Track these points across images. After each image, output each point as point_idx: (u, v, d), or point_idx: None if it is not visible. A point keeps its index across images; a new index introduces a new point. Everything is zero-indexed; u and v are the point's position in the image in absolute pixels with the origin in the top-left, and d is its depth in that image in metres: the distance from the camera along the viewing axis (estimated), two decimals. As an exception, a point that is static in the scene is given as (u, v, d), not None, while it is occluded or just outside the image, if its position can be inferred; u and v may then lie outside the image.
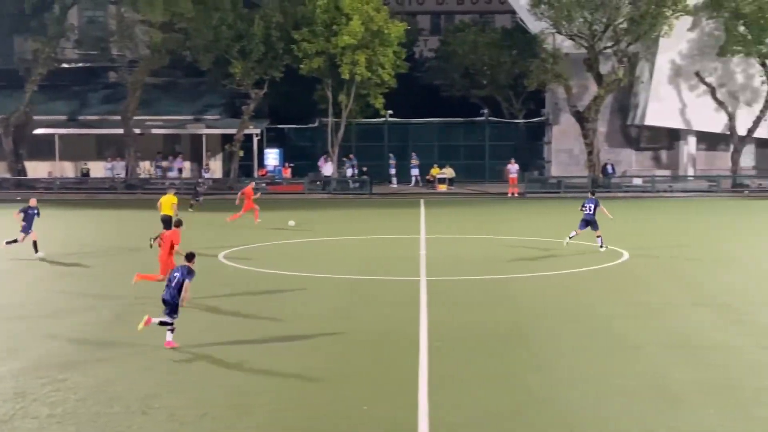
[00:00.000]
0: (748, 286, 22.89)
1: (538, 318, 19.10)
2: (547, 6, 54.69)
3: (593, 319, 19.06)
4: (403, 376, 14.80)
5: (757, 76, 55.80)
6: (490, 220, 40.11)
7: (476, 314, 19.45)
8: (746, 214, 42.63)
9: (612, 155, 59.63)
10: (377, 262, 27.09)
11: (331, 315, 19.22)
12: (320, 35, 55.23)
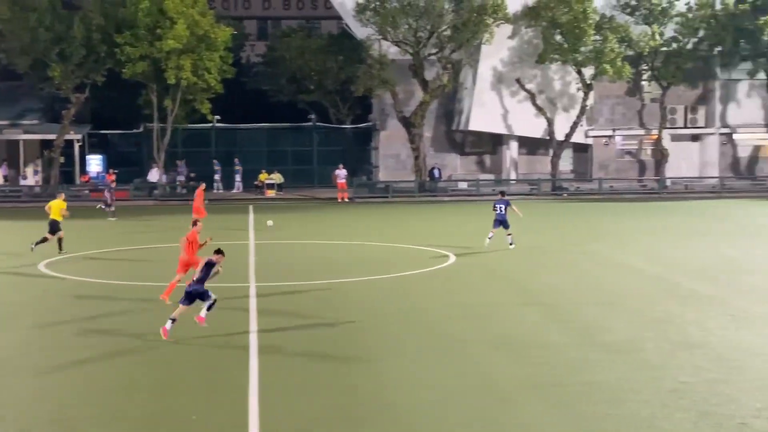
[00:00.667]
0: (570, 285, 23.62)
1: (369, 321, 19.15)
2: (373, 13, 55.24)
3: (424, 321, 19.27)
4: (233, 383, 14.55)
5: (574, 83, 57.95)
6: (320, 225, 40.12)
7: (307, 319, 19.34)
8: (566, 215, 44.14)
9: (438, 160, 60.71)
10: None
11: (159, 323, 18.72)
12: (144, 39, 54.02)
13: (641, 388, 14.14)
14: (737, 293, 22.15)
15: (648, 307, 20.56)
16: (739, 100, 60.89)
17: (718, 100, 60.63)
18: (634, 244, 32.24)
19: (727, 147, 61.34)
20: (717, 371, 15.04)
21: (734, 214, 43.74)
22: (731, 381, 14.44)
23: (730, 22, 55.72)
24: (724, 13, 56.30)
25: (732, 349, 16.55)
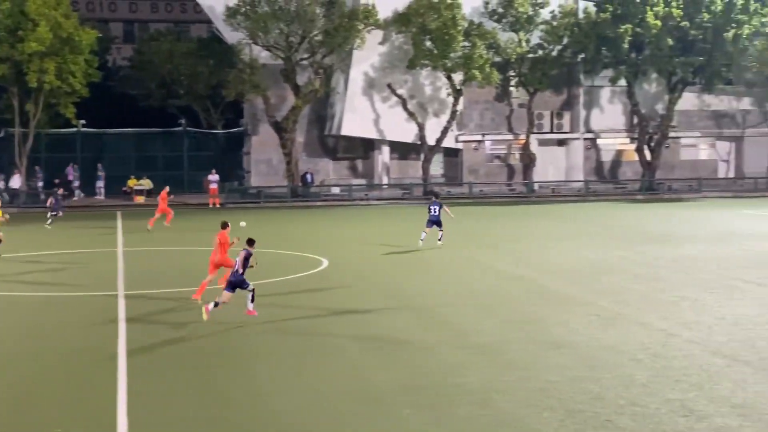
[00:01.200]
0: (442, 288, 23.89)
1: (239, 328, 18.97)
2: (243, 17, 54.82)
3: (296, 326, 19.21)
4: (100, 394, 14.21)
5: (444, 89, 58.71)
6: (190, 232, 39.49)
7: (177, 328, 19.04)
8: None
9: (310, 165, 60.64)
10: (72, 278, 25.94)
11: (22, 335, 18.14)
12: (4, 41, 52.28)
13: (510, 388, 14.40)
14: (601, 294, 22.78)
15: (517, 308, 20.97)
16: (602, 106, 62.74)
17: (582, 106, 62.35)
18: (504, 247, 32.83)
19: (591, 151, 63.11)
20: (582, 370, 15.43)
21: (598, 217, 45.01)
22: (596, 379, 14.83)
23: (592, 30, 57.37)
24: (586, 21, 57.94)
25: (596, 348, 17.01)
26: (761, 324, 18.89)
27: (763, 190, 59.92)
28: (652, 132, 60.59)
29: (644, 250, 30.92)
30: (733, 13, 56.57)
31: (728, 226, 38.75)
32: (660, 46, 56.05)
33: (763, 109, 63.36)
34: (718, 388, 14.24)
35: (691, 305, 21.05)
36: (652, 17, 55.34)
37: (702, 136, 64.34)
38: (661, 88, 61.61)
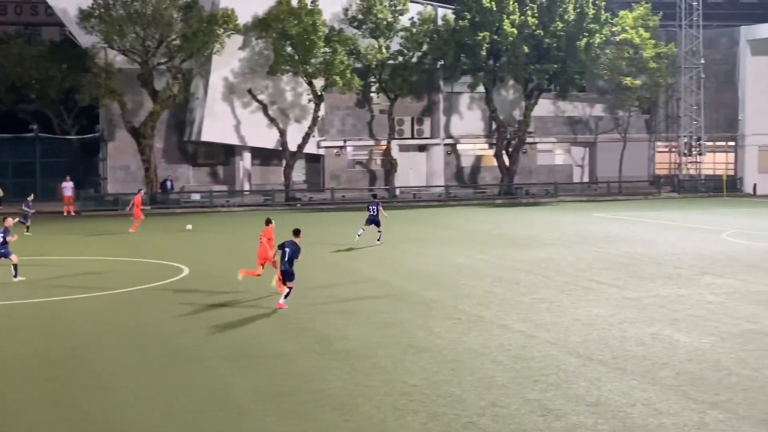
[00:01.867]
0: (305, 294, 23.78)
1: (96, 339, 18.46)
2: (98, 20, 53.50)
3: (155, 336, 18.80)
4: (-53, 412, 13.56)
5: (305, 95, 58.61)
6: (42, 241, 38.25)
7: (27, 339, 18.38)
8: (300, 226, 44.34)
9: (170, 171, 59.60)
10: None
11: None
12: None
13: (373, 393, 14.41)
14: (462, 298, 23.08)
15: (380, 313, 21.05)
16: (461, 112, 63.76)
17: (443, 112, 63.22)
18: (367, 252, 32.94)
19: (452, 157, 64.05)
20: (444, 373, 15.58)
21: (459, 221, 45.67)
22: (458, 382, 15.00)
23: (451, 37, 58.25)
24: (445, 28, 58.81)
25: (458, 351, 17.21)
26: (614, 324, 19.48)
27: (615, 194, 61.96)
28: (510, 137, 61.90)
29: (504, 254, 31.52)
30: (585, 22, 58.35)
31: (583, 229, 39.88)
32: (516, 54, 57.34)
33: (614, 115, 65.53)
34: (574, 387, 14.59)
35: (548, 307, 21.54)
36: (508, 25, 56.57)
37: (558, 142, 66.11)
38: (518, 94, 63.03)
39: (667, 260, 29.39)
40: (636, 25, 61.62)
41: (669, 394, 14.13)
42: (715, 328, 18.89)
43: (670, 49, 62.72)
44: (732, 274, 26.24)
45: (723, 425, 12.65)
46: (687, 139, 64.56)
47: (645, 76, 62.43)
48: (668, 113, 66.59)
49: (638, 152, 65.97)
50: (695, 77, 64.36)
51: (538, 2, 58.30)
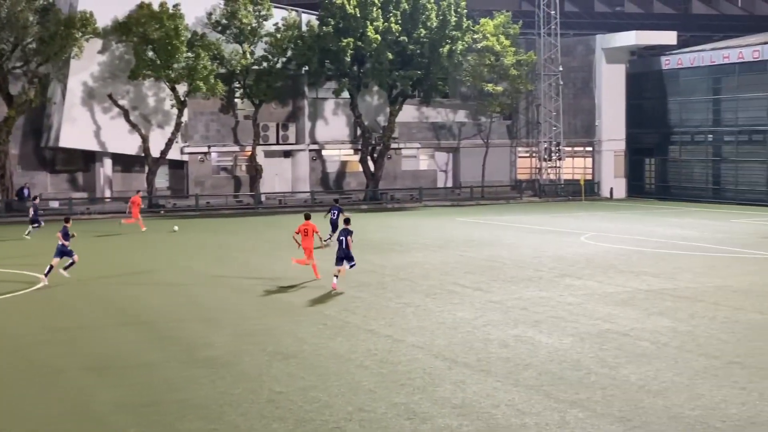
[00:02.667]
0: (169, 303, 23.41)
1: (-51, 353, 17.72)
2: (-51, 22, 51.50)
3: (12, 348, 18.17)
4: None
5: (168, 100, 57.67)
6: None
7: None
8: (164, 233, 43.64)
9: (27, 178, 57.75)
10: None
11: None
12: None
13: (239, 401, 14.27)
14: (329, 303, 23.11)
15: (246, 320, 20.87)
16: (326, 117, 63.80)
17: (308, 118, 63.12)
18: (232, 258, 32.64)
19: (317, 163, 64.02)
20: (311, 379, 15.55)
21: (323, 226, 45.59)
22: (324, 387, 14.99)
23: (315, 43, 58.22)
24: (309, 34, 58.74)
25: (325, 356, 17.21)
26: (478, 327, 19.81)
27: (478, 199, 63.03)
28: (375, 143, 62.29)
29: (370, 259, 31.68)
30: (448, 29, 59.21)
31: (447, 233, 40.44)
32: (380, 60, 57.74)
33: (477, 121, 66.69)
34: (439, 390, 14.76)
35: (414, 311, 21.75)
36: (372, 32, 56.93)
37: (422, 147, 66.84)
38: (383, 100, 63.48)
39: (528, 263, 30.07)
40: (497, 33, 62.84)
41: (531, 394, 14.44)
42: (574, 329, 19.42)
43: (529, 57, 64.22)
44: (590, 276, 27.03)
45: (583, 423, 13.00)
46: (547, 145, 66.19)
47: (506, 83, 63.75)
48: (529, 119, 68.18)
49: (500, 157, 67.28)
50: (554, 84, 66.08)
51: (402, 9, 58.87)
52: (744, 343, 17.97)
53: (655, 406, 13.76)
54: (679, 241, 36.20)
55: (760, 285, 24.99)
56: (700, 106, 61.64)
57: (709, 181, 61.54)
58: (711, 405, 13.75)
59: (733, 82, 59.03)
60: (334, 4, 57.83)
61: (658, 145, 65.58)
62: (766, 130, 57.02)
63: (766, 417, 13.12)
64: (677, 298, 23.15)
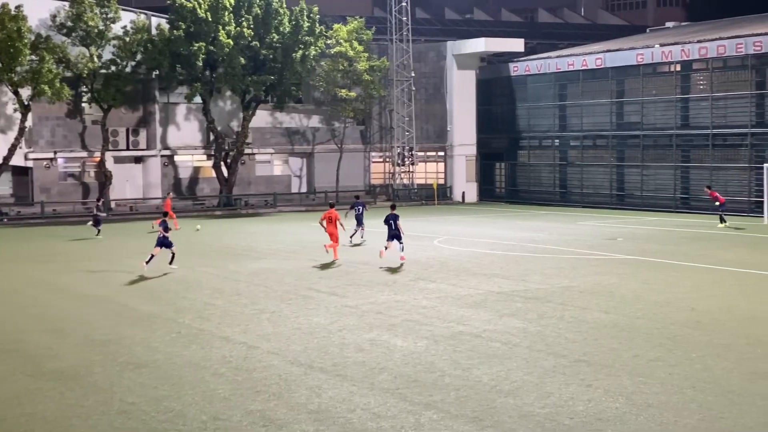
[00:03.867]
0: (13, 314, 22.60)
1: None
2: None
3: None
4: None
5: (11, 104, 55.74)
6: None
7: None
8: (7, 242, 42.14)
9: None
10: None
11: None
12: None
13: (89, 413, 13.89)
14: (183, 311, 22.74)
15: (96, 330, 20.33)
16: (178, 122, 62.82)
17: (159, 123, 62.01)
18: (79, 267, 31.72)
19: (169, 168, 62.96)
20: (164, 388, 15.26)
21: (176, 233, 44.91)
22: (178, 396, 14.74)
23: (166, 47, 57.25)
24: (160, 38, 57.72)
25: (178, 365, 16.92)
26: (334, 331, 19.84)
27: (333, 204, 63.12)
28: (229, 149, 61.69)
29: (224, 265, 31.37)
30: (301, 35, 59.18)
31: (302, 238, 40.39)
32: (233, 65, 57.22)
33: (330, 126, 66.88)
34: (295, 396, 14.72)
35: (269, 317, 21.63)
36: (224, 36, 56.37)
37: (276, 153, 66.58)
38: (236, 105, 62.96)
39: (383, 267, 30.30)
40: (350, 39, 63.21)
41: (387, 398, 14.55)
42: (429, 332, 19.67)
43: (382, 63, 64.82)
44: (443, 279, 27.44)
45: (437, 425, 13.17)
46: (400, 150, 66.93)
47: (359, 88, 64.17)
48: (382, 124, 68.78)
49: (354, 162, 67.67)
50: (406, 90, 66.87)
51: (254, 14, 58.52)
52: (590, 341, 18.56)
53: (506, 405, 14.06)
54: (529, 244, 37.15)
55: (604, 285, 25.88)
56: (547, 112, 63.49)
57: (557, 184, 63.42)
58: (560, 402, 14.14)
59: (577, 89, 61.00)
60: (185, 7, 57.01)
61: (507, 150, 67.19)
62: (609, 135, 59.15)
63: (612, 413, 13.57)
64: (527, 299, 23.74)
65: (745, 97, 51.44)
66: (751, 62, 50.96)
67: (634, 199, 57.79)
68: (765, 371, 15.89)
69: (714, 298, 23.59)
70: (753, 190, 50.58)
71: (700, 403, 13.97)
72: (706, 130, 53.08)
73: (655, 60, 56.02)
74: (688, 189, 54.36)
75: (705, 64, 53.75)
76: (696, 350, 17.58)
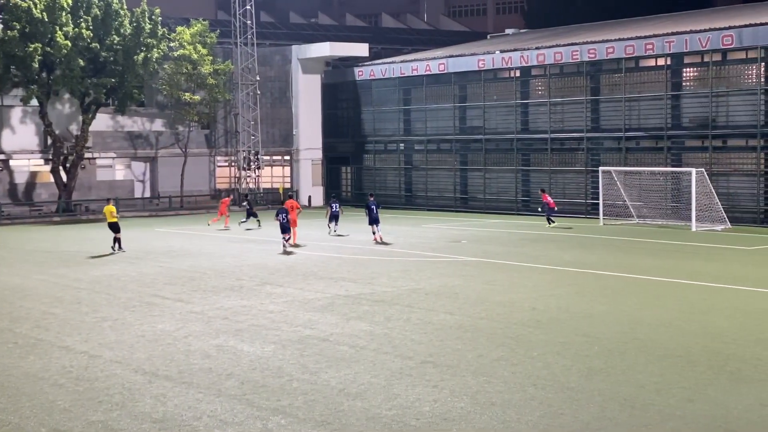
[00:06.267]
0: None
1: None
2: None
3: None
4: None
5: None
6: None
7: None
8: None
9: None
10: None
11: None
12: None
13: None
14: (20, 320, 21.98)
15: (-75, 343, 19.40)
16: (13, 126, 60.63)
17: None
18: None
19: (4, 173, 60.69)
20: (1, 401, 14.71)
21: (14, 241, 43.43)
22: (15, 409, 14.24)
23: (0, 48, 55.20)
24: (-9, 38, 55.61)
25: (15, 376, 16.35)
26: (179, 338, 19.54)
27: (178, 209, 62.21)
28: (68, 153, 59.90)
29: (64, 273, 30.46)
30: (142, 37, 58.00)
31: (146, 244, 39.61)
32: (71, 67, 55.56)
33: (174, 130, 65.81)
34: (139, 405, 14.42)
35: (112, 325, 21.12)
36: (61, 37, 54.69)
37: (118, 157, 65.05)
38: (75, 108, 61.20)
39: (230, 272, 30.04)
40: (194, 42, 62.36)
41: (234, 404, 14.42)
42: (276, 336, 19.60)
43: (227, 66, 64.21)
44: (291, 283, 27.40)
45: (285, 429, 13.13)
46: (246, 154, 66.44)
47: (204, 92, 63.37)
48: (227, 128, 68.11)
49: (199, 167, 66.77)
50: (252, 93, 66.43)
51: (93, 15, 57.02)
52: (436, 343, 18.86)
53: (354, 408, 14.14)
54: (376, 247, 37.47)
55: (449, 287, 26.36)
56: (392, 116, 64.23)
57: (402, 188, 64.23)
58: (406, 404, 14.32)
59: (421, 93, 61.96)
60: (19, 7, 55.00)
61: (353, 154, 67.66)
62: (452, 140, 60.29)
63: (457, 413, 13.83)
64: (374, 302, 23.94)
65: (580, 103, 53.31)
66: (586, 69, 52.84)
67: (477, 202, 59.08)
68: (600, 367, 16.50)
69: (553, 297, 24.34)
70: (589, 192, 52.46)
71: (541, 400, 14.39)
72: (545, 135, 54.76)
73: (495, 66, 57.43)
74: (529, 192, 55.93)
75: (543, 70, 55.45)
76: (537, 349, 18.10)
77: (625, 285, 26.63)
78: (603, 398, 14.48)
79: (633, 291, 25.48)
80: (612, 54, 51.40)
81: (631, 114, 51.38)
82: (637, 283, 27.09)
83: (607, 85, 53.10)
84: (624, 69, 51.01)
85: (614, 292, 25.23)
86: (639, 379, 15.61)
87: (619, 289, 25.91)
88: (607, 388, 15.12)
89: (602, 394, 14.74)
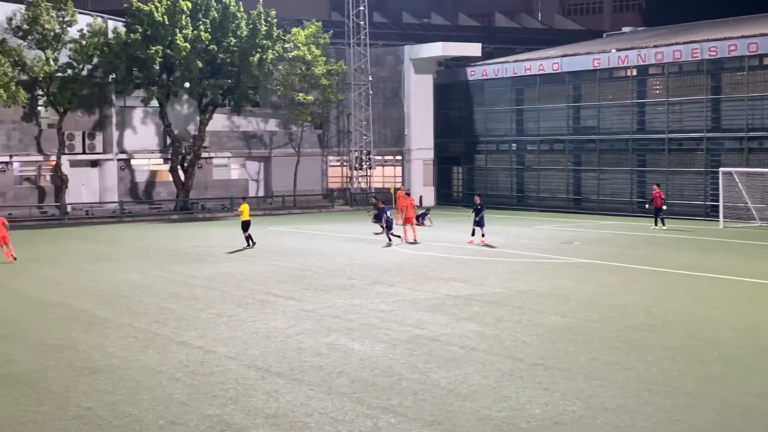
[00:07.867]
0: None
1: None
2: None
3: None
4: None
5: (-35, 107, 55.06)
6: None
7: None
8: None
9: None
10: None
11: None
12: None
13: (44, 419, 13.75)
14: (139, 315, 22.57)
15: (50, 335, 20.13)
16: (135, 126, 62.36)
17: (115, 127, 61.48)
18: (36, 272, 31.40)
19: (126, 172, 62.49)
20: (120, 393, 15.15)
21: (134, 238, 44.65)
22: (134, 401, 14.63)
23: (122, 50, 56.80)
24: (116, 41, 57.27)
25: (134, 370, 16.80)
26: (291, 336, 19.80)
27: (290, 208, 63.06)
28: (185, 152, 61.34)
29: (181, 270, 31.18)
30: (258, 38, 59.01)
31: (259, 243, 40.20)
32: (190, 68, 56.91)
33: (288, 130, 66.72)
34: (252, 400, 14.67)
35: (226, 322, 21.53)
36: (181, 39, 56.06)
37: (233, 156, 66.32)
38: (193, 109, 62.60)
39: (341, 271, 30.30)
40: (308, 43, 63.08)
41: (344, 402, 14.54)
42: (386, 336, 19.69)
43: (340, 67, 64.75)
44: (401, 283, 27.48)
45: (394, 428, 13.19)
46: (357, 154, 66.92)
47: (317, 92, 64.04)
48: (339, 128, 68.72)
49: (312, 166, 67.55)
50: (364, 94, 66.88)
51: (211, 17, 58.27)
52: (546, 345, 18.68)
53: (463, 409, 14.11)
54: (486, 248, 37.31)
55: (560, 289, 26.07)
56: (504, 116, 63.84)
57: (514, 188, 63.78)
58: (516, 406, 14.22)
59: (534, 93, 61.42)
60: (141, 11, 56.65)
61: (464, 154, 67.49)
62: (565, 140, 59.60)
63: (569, 416, 13.67)
64: (484, 303, 23.84)
65: (700, 102, 52.06)
66: (707, 67, 51.59)
67: (591, 203, 58.26)
68: (717, 374, 16.10)
69: (667, 301, 23.85)
70: (708, 194, 51.20)
71: (656, 406, 14.11)
72: (662, 135, 53.67)
73: (611, 65, 56.57)
74: (644, 193, 54.89)
75: (661, 69, 54.37)
76: (651, 353, 17.76)
77: (744, 289, 25.92)
78: (721, 405, 14.12)
79: (752, 296, 24.78)
80: (734, 52, 50.06)
81: (754, 113, 49.94)
82: (755, 287, 26.34)
83: (729, 83, 51.71)
84: (747, 67, 49.66)
85: (732, 297, 24.59)
86: (758, 387, 15.18)
87: (737, 293, 25.24)
88: (724, 394, 14.74)
89: (720, 401, 14.38)
